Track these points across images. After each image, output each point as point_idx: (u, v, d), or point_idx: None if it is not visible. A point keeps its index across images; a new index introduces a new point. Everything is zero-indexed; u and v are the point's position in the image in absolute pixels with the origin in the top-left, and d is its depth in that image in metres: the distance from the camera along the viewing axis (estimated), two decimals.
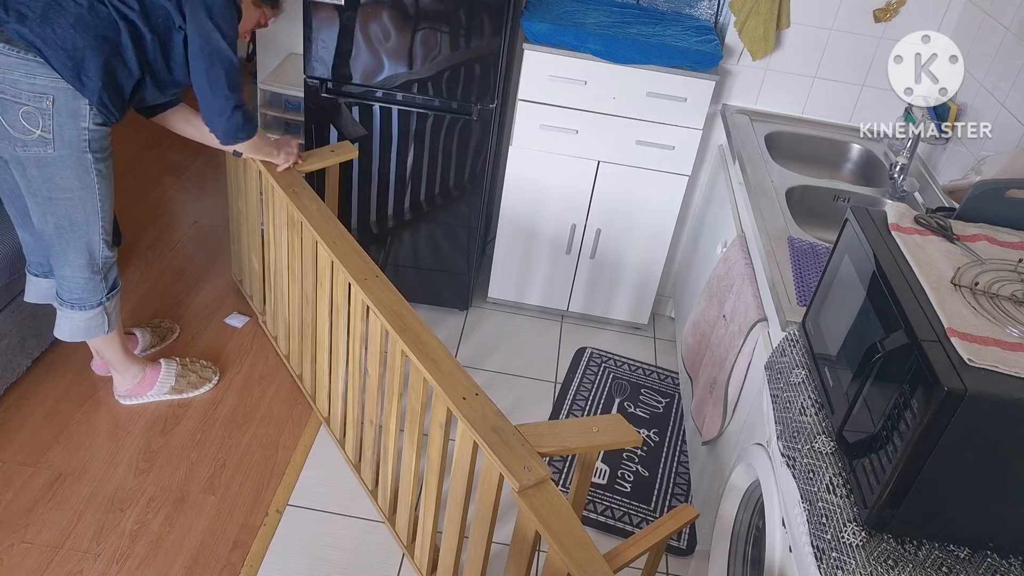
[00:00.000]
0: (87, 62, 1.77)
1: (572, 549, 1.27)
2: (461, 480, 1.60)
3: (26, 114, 1.76)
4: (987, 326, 1.14)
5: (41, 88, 1.75)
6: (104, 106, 1.83)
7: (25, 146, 1.79)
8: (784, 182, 2.17)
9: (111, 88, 1.83)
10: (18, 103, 1.76)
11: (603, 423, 1.60)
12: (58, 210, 1.91)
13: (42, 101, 1.76)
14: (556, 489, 1.37)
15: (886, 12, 2.43)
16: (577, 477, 1.67)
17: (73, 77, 1.76)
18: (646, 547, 1.44)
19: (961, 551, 1.17)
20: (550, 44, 2.49)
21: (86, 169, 1.87)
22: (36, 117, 1.77)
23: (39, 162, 1.83)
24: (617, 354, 2.89)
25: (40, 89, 1.75)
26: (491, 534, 1.54)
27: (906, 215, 1.41)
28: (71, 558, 1.94)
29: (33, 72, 1.74)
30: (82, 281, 2.04)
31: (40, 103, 1.76)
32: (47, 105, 1.77)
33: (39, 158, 1.82)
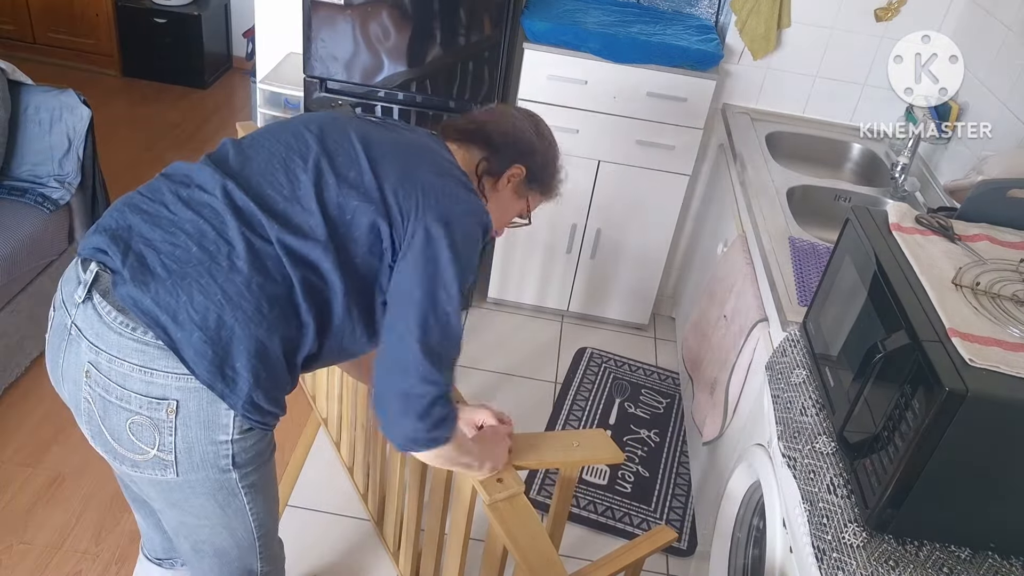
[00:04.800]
0: (235, 346, 1.10)
1: (537, 566, 1.26)
2: (439, 491, 1.59)
3: (135, 426, 1.13)
4: (988, 326, 1.14)
5: (160, 391, 1.11)
6: (258, 410, 1.15)
7: (136, 467, 1.17)
8: (785, 182, 2.17)
9: (271, 379, 1.15)
10: (125, 409, 1.13)
11: (585, 438, 1.59)
12: (195, 535, 1.30)
13: (160, 409, 1.12)
14: (528, 504, 1.36)
15: (887, 11, 2.42)
16: (557, 493, 1.66)
17: (212, 372, 1.10)
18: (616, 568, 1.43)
19: (962, 552, 1.17)
20: (550, 43, 2.49)
21: (230, 492, 1.21)
22: (150, 432, 1.13)
23: (157, 487, 1.21)
24: (617, 354, 2.88)
25: (158, 392, 1.11)
26: (465, 546, 1.53)
27: (907, 215, 1.40)
28: (71, 558, 1.93)
29: (147, 364, 1.10)
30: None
31: (157, 412, 1.12)
32: (167, 415, 1.12)
33: (156, 483, 1.19)
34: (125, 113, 4.02)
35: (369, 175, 1.19)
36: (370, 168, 1.20)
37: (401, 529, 1.92)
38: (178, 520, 1.28)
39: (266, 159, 1.21)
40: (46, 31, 4.26)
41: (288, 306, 1.14)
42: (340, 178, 1.19)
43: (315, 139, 1.23)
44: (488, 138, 1.36)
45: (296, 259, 1.14)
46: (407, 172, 1.21)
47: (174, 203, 1.16)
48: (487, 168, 1.35)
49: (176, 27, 4.20)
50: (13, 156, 2.42)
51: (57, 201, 2.40)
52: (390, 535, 1.98)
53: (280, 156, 1.21)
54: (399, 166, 1.21)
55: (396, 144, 1.26)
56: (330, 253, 1.15)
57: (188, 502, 1.23)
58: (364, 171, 1.20)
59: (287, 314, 1.14)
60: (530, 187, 1.42)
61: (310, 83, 2.54)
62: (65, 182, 2.42)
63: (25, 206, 2.35)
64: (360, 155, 1.21)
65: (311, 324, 1.16)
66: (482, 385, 2.65)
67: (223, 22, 4.48)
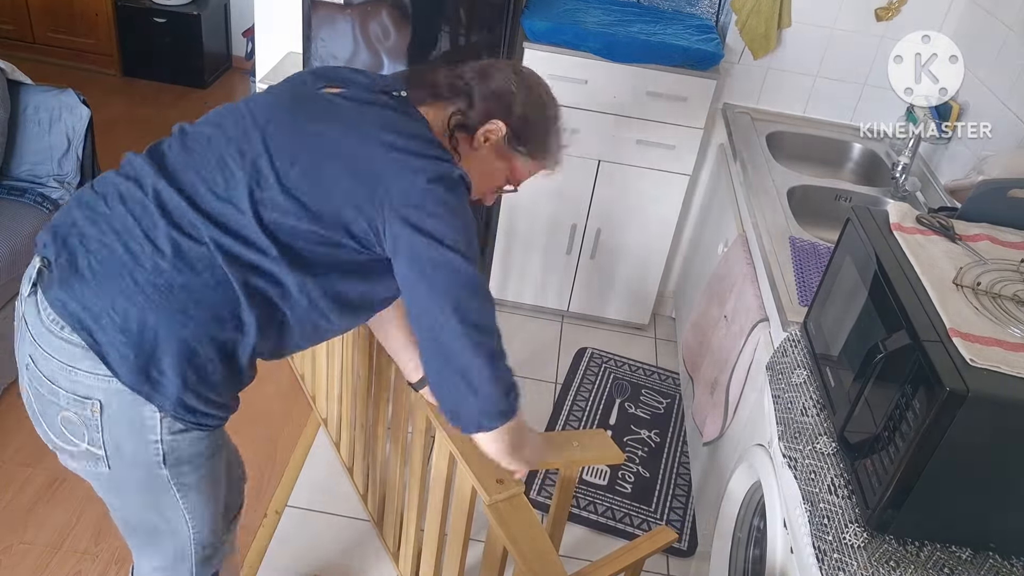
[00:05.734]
0: (159, 349, 1.08)
1: (537, 567, 1.26)
2: (439, 492, 1.59)
3: (65, 421, 1.14)
4: (989, 326, 1.14)
5: (84, 390, 1.10)
6: (191, 412, 1.13)
7: (73, 457, 1.19)
8: (785, 182, 2.17)
9: (204, 381, 1.12)
10: (55, 404, 1.13)
11: (585, 438, 1.59)
12: (125, 517, 1.32)
13: (85, 407, 1.11)
14: (528, 505, 1.36)
15: (887, 11, 2.42)
16: (557, 494, 1.66)
17: (135, 375, 1.08)
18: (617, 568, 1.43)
19: (963, 552, 1.17)
20: (550, 43, 2.48)
21: (162, 488, 1.20)
22: (79, 427, 1.14)
23: (93, 478, 1.23)
24: (618, 354, 2.88)
25: (83, 391, 1.10)
26: (465, 547, 1.54)
27: (908, 215, 1.40)
28: (71, 558, 1.93)
29: (72, 363, 1.09)
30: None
31: (83, 409, 1.11)
32: (91, 414, 1.12)
33: (90, 473, 1.21)
34: (125, 113, 4.02)
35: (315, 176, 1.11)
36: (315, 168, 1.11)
37: (401, 529, 1.92)
38: (116, 505, 1.29)
39: (203, 153, 1.15)
40: (46, 31, 4.26)
41: (221, 307, 1.10)
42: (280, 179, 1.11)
43: (258, 133, 1.15)
44: (463, 91, 1.24)
45: (234, 260, 1.09)
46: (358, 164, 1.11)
47: (113, 198, 1.14)
48: (459, 122, 1.23)
49: (176, 27, 4.20)
50: (12, 156, 2.41)
51: (56, 201, 2.39)
52: (390, 535, 1.98)
53: (219, 150, 1.14)
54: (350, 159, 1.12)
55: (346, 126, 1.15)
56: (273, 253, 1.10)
57: (122, 492, 1.24)
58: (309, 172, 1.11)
59: (220, 316, 1.10)
60: (514, 148, 1.26)
61: None
62: (64, 182, 2.42)
63: (25, 206, 2.35)
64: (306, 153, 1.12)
65: (252, 322, 1.12)
66: None
67: (223, 22, 4.47)
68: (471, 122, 1.24)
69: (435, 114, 1.24)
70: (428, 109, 1.24)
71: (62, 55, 4.31)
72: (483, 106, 1.24)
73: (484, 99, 1.24)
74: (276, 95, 1.25)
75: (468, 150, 1.25)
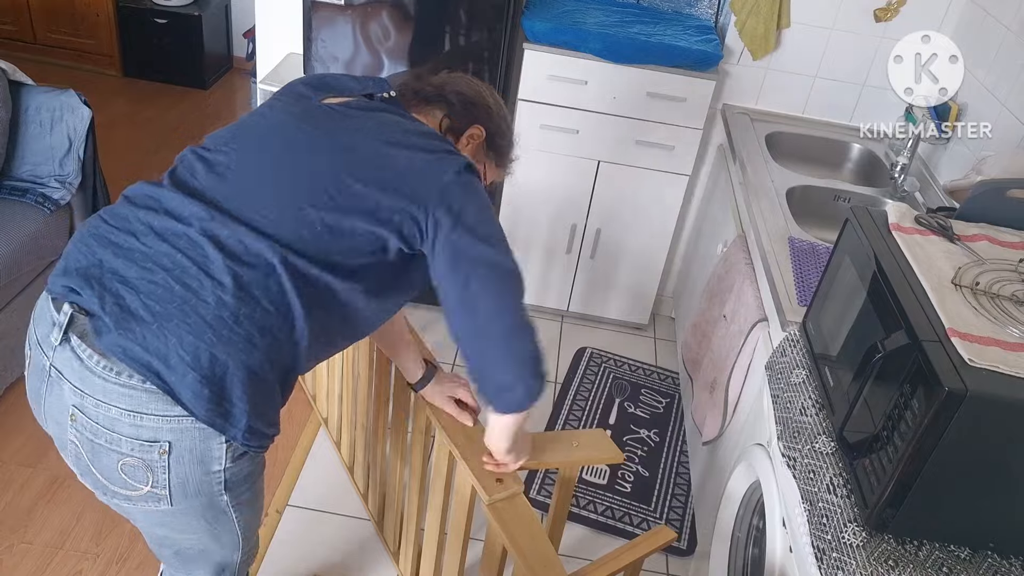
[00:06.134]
0: (229, 380, 1.08)
1: (537, 567, 1.26)
2: (439, 491, 1.59)
3: (127, 467, 1.11)
4: (988, 326, 1.14)
5: (151, 433, 1.08)
6: (257, 435, 1.14)
7: (129, 500, 1.15)
8: (784, 182, 2.17)
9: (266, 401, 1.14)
10: (115, 451, 1.10)
11: (584, 438, 1.59)
12: (180, 546, 1.29)
13: (152, 451, 1.09)
14: (527, 504, 1.36)
15: (887, 12, 2.43)
16: (557, 493, 1.66)
17: (210, 410, 1.07)
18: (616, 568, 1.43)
19: (962, 551, 1.17)
20: (550, 43, 2.49)
21: (220, 511, 1.21)
22: (142, 471, 1.10)
23: (149, 516, 1.20)
24: (617, 354, 2.88)
25: (149, 435, 1.08)
26: (465, 546, 1.54)
27: (907, 215, 1.40)
28: (71, 558, 1.94)
29: (137, 408, 1.06)
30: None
31: (149, 453, 1.09)
32: (159, 456, 1.09)
33: (148, 513, 1.18)
34: (125, 113, 4.02)
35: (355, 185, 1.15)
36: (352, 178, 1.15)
37: (401, 529, 1.92)
38: (163, 535, 1.27)
39: (237, 178, 1.15)
40: (47, 31, 4.26)
41: (280, 329, 1.11)
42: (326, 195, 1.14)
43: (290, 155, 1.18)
44: (447, 99, 1.34)
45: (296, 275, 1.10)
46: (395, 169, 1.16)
47: (145, 234, 1.11)
48: (449, 125, 1.33)
49: (176, 27, 4.20)
50: (14, 156, 2.42)
51: (58, 201, 2.40)
52: (390, 535, 1.98)
53: (260, 178, 1.16)
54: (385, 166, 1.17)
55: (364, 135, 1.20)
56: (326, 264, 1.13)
57: (177, 524, 1.21)
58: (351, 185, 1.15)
59: (279, 339, 1.11)
60: (487, 153, 1.38)
61: None
62: (66, 182, 2.43)
63: (26, 206, 2.35)
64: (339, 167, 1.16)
65: (305, 339, 1.13)
66: None
67: (223, 22, 4.48)
68: (458, 126, 1.34)
69: (426, 118, 1.32)
70: (419, 114, 1.32)
71: (63, 56, 4.31)
72: (465, 112, 1.34)
73: (465, 105, 1.34)
74: (288, 112, 1.26)
75: None
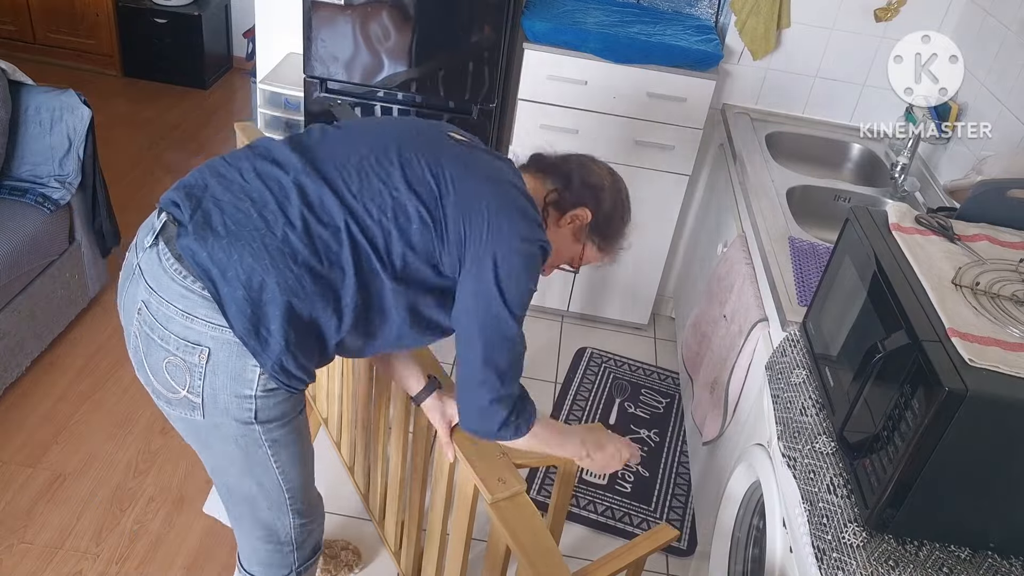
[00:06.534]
0: (271, 310, 1.18)
1: (540, 565, 1.26)
2: (440, 491, 1.59)
3: (171, 366, 1.21)
4: (988, 326, 1.14)
5: (196, 336, 1.18)
6: (285, 372, 1.22)
7: (169, 404, 1.26)
8: (785, 182, 2.17)
9: (300, 347, 1.22)
10: (164, 348, 1.20)
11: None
12: (224, 479, 1.38)
13: (194, 354, 1.19)
14: (530, 503, 1.36)
15: (887, 12, 2.43)
16: (557, 490, 1.66)
17: (247, 329, 1.17)
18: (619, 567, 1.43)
19: (962, 551, 1.17)
20: (550, 43, 2.49)
21: (253, 442, 1.28)
22: (182, 373, 1.21)
23: (187, 426, 1.30)
24: (617, 354, 2.88)
25: (194, 337, 1.18)
26: (467, 546, 1.54)
27: (907, 215, 1.40)
28: (71, 558, 1.93)
29: (190, 310, 1.17)
30: (264, 554, 1.46)
31: (191, 355, 1.19)
32: (199, 360, 1.19)
33: (186, 422, 1.28)
34: (125, 113, 4.02)
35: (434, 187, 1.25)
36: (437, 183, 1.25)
37: (402, 529, 1.92)
38: (211, 463, 1.37)
39: (345, 153, 1.27)
40: (46, 31, 4.26)
41: (328, 289, 1.21)
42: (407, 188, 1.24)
43: (395, 147, 1.28)
44: (565, 174, 1.41)
45: (355, 249, 1.21)
46: (470, 195, 1.25)
47: (249, 172, 1.24)
48: (555, 200, 1.39)
49: (176, 27, 4.20)
50: (14, 156, 2.42)
51: (57, 201, 2.40)
52: (391, 535, 1.98)
53: (358, 153, 1.27)
54: (464, 189, 1.26)
55: (470, 164, 1.30)
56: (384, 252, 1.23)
57: (215, 445, 1.30)
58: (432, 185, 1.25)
59: (326, 296, 1.21)
60: (590, 235, 1.44)
61: (310, 83, 2.54)
62: (65, 182, 2.43)
63: (25, 206, 2.35)
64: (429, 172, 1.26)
65: (350, 311, 1.23)
66: None
67: (223, 22, 4.48)
68: (564, 202, 1.40)
69: (533, 184, 1.40)
70: (529, 178, 1.40)
71: (63, 56, 4.31)
72: (579, 193, 1.40)
73: (581, 186, 1.41)
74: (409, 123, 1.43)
75: (553, 226, 1.40)
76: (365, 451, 2.04)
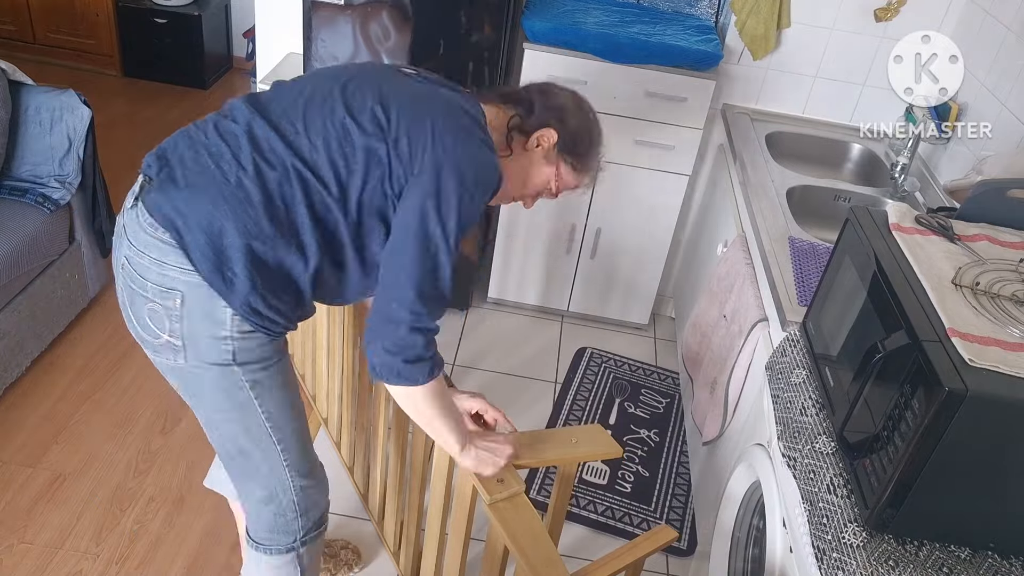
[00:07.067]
0: (232, 252, 1.23)
1: (539, 566, 1.26)
2: (439, 491, 1.59)
3: (152, 312, 1.28)
4: (988, 326, 1.14)
5: (170, 282, 1.24)
6: (256, 314, 1.26)
7: (156, 351, 1.32)
8: (784, 182, 2.17)
9: (269, 289, 1.26)
10: (144, 296, 1.27)
11: (582, 434, 1.59)
12: (217, 431, 1.41)
13: (169, 298, 1.25)
14: (528, 503, 1.36)
15: (887, 12, 2.43)
16: (556, 490, 1.66)
17: (212, 272, 1.23)
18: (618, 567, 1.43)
19: (962, 551, 1.17)
20: (550, 43, 2.49)
21: (235, 384, 1.32)
22: (162, 318, 1.27)
23: (174, 373, 1.35)
24: (617, 354, 2.88)
25: (168, 283, 1.24)
26: (466, 546, 1.54)
27: (907, 215, 1.40)
28: (71, 558, 1.93)
29: (162, 258, 1.24)
30: (269, 517, 1.47)
31: (167, 300, 1.25)
32: (174, 305, 1.25)
33: (171, 368, 1.34)
34: (125, 113, 4.02)
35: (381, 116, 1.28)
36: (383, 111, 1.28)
37: (401, 529, 1.92)
38: (202, 415, 1.40)
39: (292, 98, 1.33)
40: (46, 31, 4.26)
41: (288, 229, 1.26)
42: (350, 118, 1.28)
43: (339, 86, 1.33)
44: (526, 99, 1.42)
45: (304, 185, 1.26)
46: (419, 118, 1.28)
47: (211, 131, 1.31)
48: (518, 124, 1.40)
49: (176, 27, 4.20)
50: (14, 156, 2.42)
51: (57, 201, 2.40)
52: (390, 535, 1.98)
53: (304, 97, 1.32)
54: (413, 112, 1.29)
55: (417, 94, 1.34)
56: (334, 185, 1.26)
57: (202, 392, 1.35)
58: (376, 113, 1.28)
59: (286, 236, 1.26)
60: (561, 154, 1.42)
61: None
62: (65, 182, 2.43)
63: (25, 206, 2.35)
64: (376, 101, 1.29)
65: (314, 248, 1.27)
66: (482, 385, 2.65)
67: (223, 22, 4.48)
68: (528, 126, 1.40)
69: (495, 112, 1.41)
70: (489, 107, 1.41)
71: (63, 55, 4.31)
72: (541, 115, 1.41)
73: (543, 110, 1.41)
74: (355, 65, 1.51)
75: (520, 150, 1.41)
76: (364, 451, 2.04)
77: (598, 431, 1.61)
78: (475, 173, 1.26)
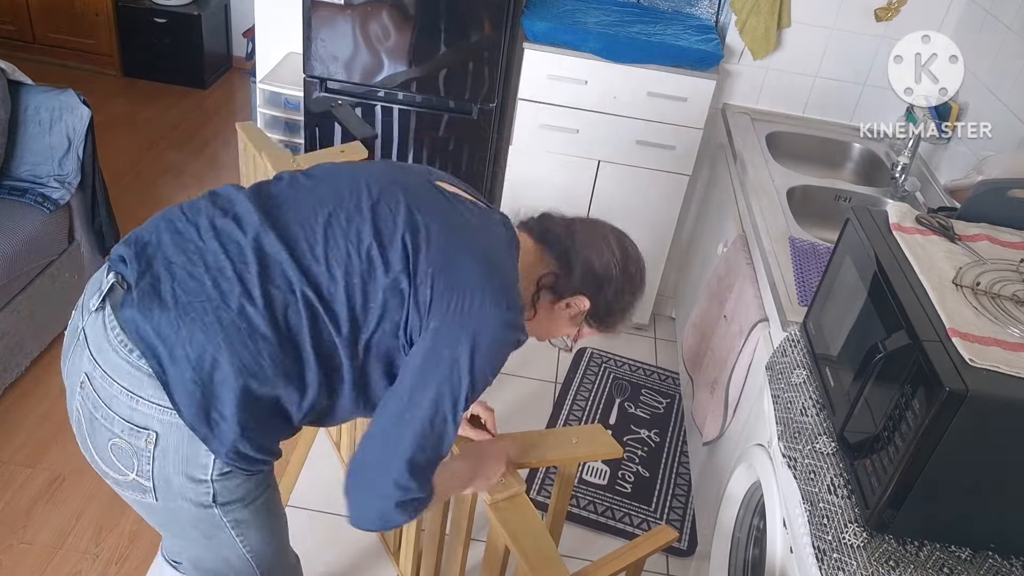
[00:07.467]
0: (224, 393, 1.05)
1: (539, 567, 1.26)
2: None
3: (116, 448, 1.10)
4: (988, 326, 1.14)
5: (142, 419, 1.06)
6: (244, 459, 1.10)
7: (118, 484, 1.15)
8: (785, 182, 2.17)
9: (260, 430, 1.10)
10: (108, 429, 1.09)
11: (583, 434, 1.59)
12: (189, 554, 1.26)
13: (139, 438, 1.07)
14: (529, 503, 1.36)
15: (887, 11, 2.42)
16: (556, 490, 1.66)
17: (196, 414, 1.05)
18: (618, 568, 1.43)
19: (962, 552, 1.17)
20: (550, 43, 2.49)
21: (214, 525, 1.16)
22: (129, 456, 1.09)
23: (141, 507, 1.18)
24: (617, 354, 2.88)
25: (140, 420, 1.06)
26: (467, 546, 1.54)
27: (907, 215, 1.40)
28: (71, 558, 1.93)
29: (135, 390, 1.05)
30: None
31: (136, 439, 1.07)
32: (145, 445, 1.07)
33: (139, 503, 1.17)
34: (125, 113, 4.02)
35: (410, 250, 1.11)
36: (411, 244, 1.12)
37: (401, 529, 1.92)
38: (169, 539, 1.26)
39: (311, 208, 1.14)
40: (46, 31, 4.26)
41: (292, 366, 1.08)
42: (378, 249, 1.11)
43: (368, 203, 1.15)
44: (567, 255, 1.26)
45: (315, 322, 1.08)
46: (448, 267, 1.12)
47: (207, 230, 1.11)
48: (551, 284, 1.25)
49: (176, 27, 4.20)
50: (13, 156, 2.41)
51: (57, 201, 2.39)
52: (390, 535, 1.98)
53: (327, 209, 1.14)
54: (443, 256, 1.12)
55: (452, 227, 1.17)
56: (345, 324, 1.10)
57: (174, 526, 1.19)
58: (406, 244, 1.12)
59: (289, 374, 1.08)
60: (588, 321, 1.30)
61: (310, 83, 2.54)
62: (65, 182, 2.42)
63: (25, 206, 2.35)
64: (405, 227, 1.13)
65: (315, 386, 1.11)
66: None
67: (223, 22, 4.47)
68: (561, 288, 1.25)
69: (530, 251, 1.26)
70: (526, 239, 1.27)
71: (62, 55, 4.31)
72: (579, 281, 1.25)
73: (583, 276, 1.25)
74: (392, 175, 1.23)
75: (546, 308, 1.27)
76: None
77: (598, 431, 1.61)
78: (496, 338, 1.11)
